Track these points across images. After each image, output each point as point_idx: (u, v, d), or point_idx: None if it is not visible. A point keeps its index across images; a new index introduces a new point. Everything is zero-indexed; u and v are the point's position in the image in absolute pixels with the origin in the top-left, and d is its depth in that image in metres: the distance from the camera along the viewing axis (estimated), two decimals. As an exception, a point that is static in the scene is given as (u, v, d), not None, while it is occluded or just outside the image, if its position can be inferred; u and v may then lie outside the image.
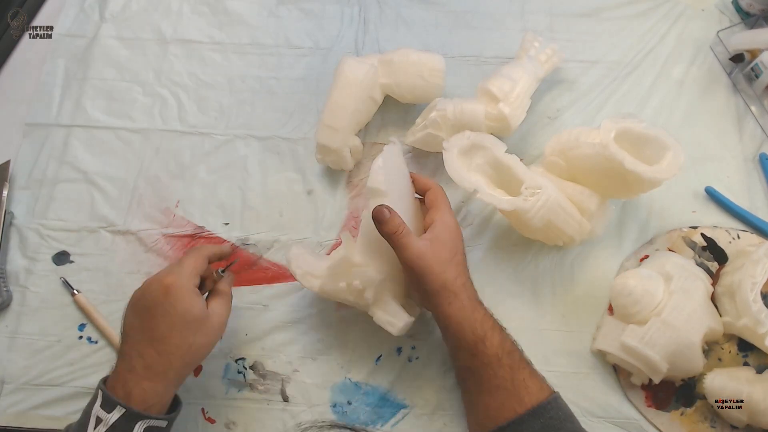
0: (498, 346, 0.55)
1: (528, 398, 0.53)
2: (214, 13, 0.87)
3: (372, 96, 0.73)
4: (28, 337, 0.68)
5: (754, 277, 0.60)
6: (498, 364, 0.54)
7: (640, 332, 0.59)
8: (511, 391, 0.53)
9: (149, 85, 0.82)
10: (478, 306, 0.57)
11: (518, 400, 0.52)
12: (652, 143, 0.63)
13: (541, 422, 0.52)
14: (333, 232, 0.72)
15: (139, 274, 0.71)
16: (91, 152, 0.78)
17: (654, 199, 0.72)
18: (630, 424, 0.62)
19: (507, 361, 0.54)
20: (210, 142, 0.78)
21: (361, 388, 0.65)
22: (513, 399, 0.53)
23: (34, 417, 0.64)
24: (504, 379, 0.53)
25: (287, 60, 0.83)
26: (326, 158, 0.72)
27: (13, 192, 0.75)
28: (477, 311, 0.56)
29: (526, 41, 0.76)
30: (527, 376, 0.54)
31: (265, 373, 0.65)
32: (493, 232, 0.72)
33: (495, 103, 0.70)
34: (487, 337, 0.55)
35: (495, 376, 0.54)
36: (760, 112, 0.76)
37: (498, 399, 0.53)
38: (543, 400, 0.52)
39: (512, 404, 0.52)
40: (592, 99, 0.79)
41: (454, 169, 0.63)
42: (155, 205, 0.74)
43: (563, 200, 0.63)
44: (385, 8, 0.86)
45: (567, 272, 0.69)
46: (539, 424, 0.51)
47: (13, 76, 0.84)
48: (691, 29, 0.83)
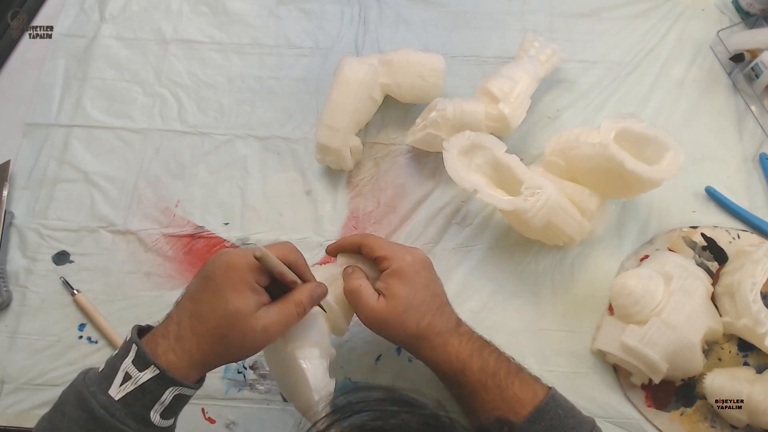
0: (479, 372, 0.53)
1: (523, 410, 0.51)
2: (214, 13, 0.87)
3: (372, 96, 0.73)
4: (28, 337, 0.68)
5: (754, 277, 0.60)
6: (484, 389, 0.52)
7: (640, 332, 0.59)
8: (504, 409, 0.52)
9: (149, 85, 0.82)
10: (450, 338, 0.54)
11: (514, 415, 0.51)
12: (652, 143, 0.63)
13: (542, 425, 0.51)
14: (333, 233, 0.72)
15: (139, 274, 0.71)
16: (91, 152, 0.78)
17: (654, 199, 0.72)
18: (630, 424, 0.62)
19: (492, 383, 0.52)
20: (210, 142, 0.78)
21: (361, 388, 0.65)
22: (510, 412, 0.51)
23: (34, 417, 0.64)
24: (494, 400, 0.52)
25: (287, 60, 0.83)
26: (326, 158, 0.72)
27: (13, 192, 0.75)
28: (449, 345, 0.54)
29: (526, 41, 0.76)
30: (517, 389, 0.52)
31: (265, 373, 0.65)
32: (493, 232, 0.72)
33: (495, 103, 0.70)
34: (466, 367, 0.53)
35: (485, 401, 0.52)
36: (760, 112, 0.76)
37: (494, 415, 0.52)
38: (539, 404, 0.51)
39: (510, 416, 0.52)
40: (592, 99, 0.79)
41: (454, 169, 0.63)
42: (155, 204, 0.74)
43: (563, 200, 0.63)
44: (385, 8, 0.86)
45: (567, 272, 0.69)
46: (541, 428, 0.51)
47: (13, 76, 0.84)
48: (691, 29, 0.83)
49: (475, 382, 0.53)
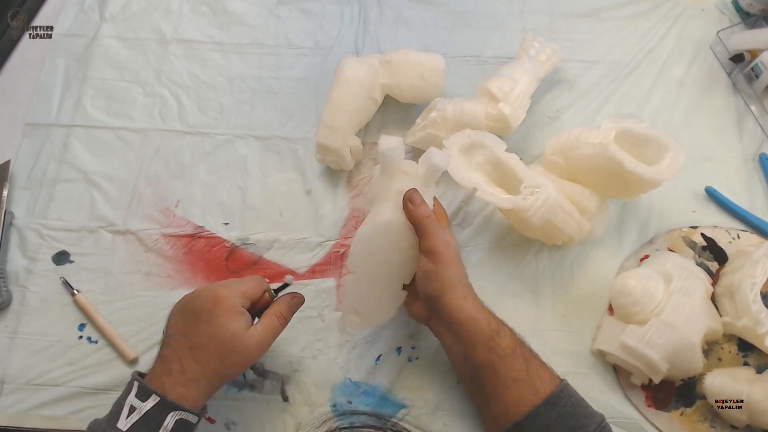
0: (511, 338, 0.56)
1: (542, 388, 0.53)
2: (214, 13, 0.87)
3: (372, 96, 0.73)
4: (28, 337, 0.68)
5: (754, 277, 0.60)
6: (513, 355, 0.54)
7: (640, 332, 0.59)
8: (527, 382, 0.53)
9: (149, 85, 0.82)
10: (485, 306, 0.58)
11: (534, 391, 0.53)
12: (652, 143, 0.63)
13: (557, 411, 0.52)
14: (333, 232, 0.72)
15: (139, 274, 0.71)
16: (91, 152, 0.78)
17: (654, 199, 0.72)
18: (630, 424, 0.62)
19: (521, 351, 0.55)
20: (210, 142, 0.78)
21: (360, 387, 0.65)
22: (529, 390, 0.53)
23: (34, 417, 0.64)
24: (520, 370, 0.54)
25: (287, 60, 0.83)
26: (326, 158, 0.72)
27: (13, 192, 0.75)
28: (485, 306, 0.58)
29: (526, 41, 0.76)
30: (539, 365, 0.55)
31: (264, 373, 0.65)
32: (493, 232, 0.72)
33: (495, 103, 0.70)
34: (502, 328, 0.56)
35: (512, 368, 0.54)
36: (760, 112, 0.76)
37: (516, 392, 0.53)
38: (555, 389, 0.53)
39: (529, 396, 0.53)
40: (592, 99, 0.79)
41: (454, 168, 0.63)
42: (155, 204, 0.74)
43: (562, 200, 0.63)
44: (385, 8, 0.86)
45: (567, 272, 0.69)
46: (555, 413, 0.52)
47: (13, 76, 0.84)
48: (691, 29, 0.83)
49: (507, 346, 0.55)
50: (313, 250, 0.71)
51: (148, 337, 0.67)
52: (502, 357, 0.54)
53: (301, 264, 0.71)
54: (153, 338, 0.67)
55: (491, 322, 0.56)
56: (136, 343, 0.67)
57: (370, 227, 0.58)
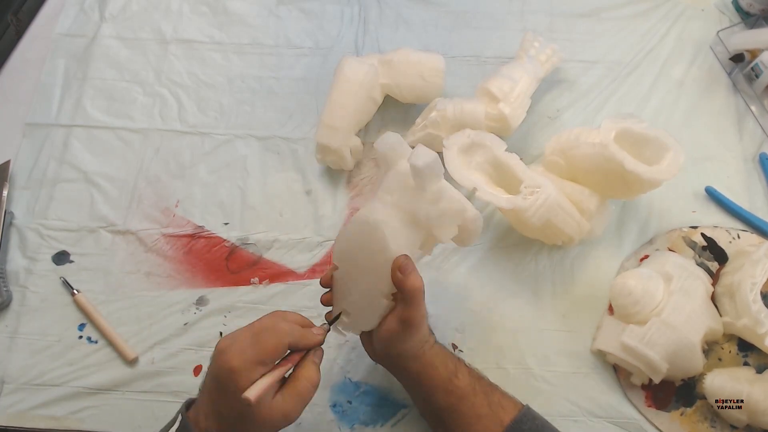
0: (469, 375, 0.56)
1: (506, 416, 0.53)
2: (214, 13, 0.87)
3: (372, 96, 0.73)
4: (28, 337, 0.68)
5: (754, 277, 0.60)
6: (473, 393, 0.55)
7: (640, 332, 0.59)
8: (491, 415, 0.54)
9: (149, 85, 0.82)
10: (437, 346, 0.57)
11: (499, 422, 0.53)
12: (652, 143, 0.63)
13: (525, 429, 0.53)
14: (333, 232, 0.72)
15: (139, 274, 0.71)
16: (91, 152, 0.78)
17: (654, 199, 0.72)
18: (630, 424, 0.62)
19: (480, 387, 0.55)
20: (210, 141, 0.78)
21: (360, 387, 0.65)
22: (494, 422, 0.53)
23: (34, 417, 0.64)
24: (482, 406, 0.54)
25: (287, 60, 0.83)
26: (326, 158, 0.72)
27: (13, 192, 0.75)
28: (443, 350, 0.57)
29: (526, 41, 0.76)
30: (500, 396, 0.55)
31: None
32: (493, 232, 0.72)
33: (495, 103, 0.70)
34: (459, 368, 0.56)
35: (474, 406, 0.54)
36: (760, 112, 0.76)
37: (481, 427, 0.53)
38: (519, 413, 0.53)
39: (494, 428, 0.53)
40: (592, 99, 0.79)
41: (453, 167, 0.63)
42: (155, 204, 0.74)
43: (562, 199, 0.63)
44: (385, 8, 0.86)
45: (567, 272, 0.69)
46: None
47: (13, 76, 0.84)
48: (691, 29, 0.83)
49: (465, 386, 0.55)
50: (313, 250, 0.71)
51: (148, 337, 0.67)
52: (462, 398, 0.54)
53: (301, 264, 0.71)
54: (153, 338, 0.67)
55: (447, 364, 0.56)
56: (136, 343, 0.67)
57: (354, 223, 0.55)
